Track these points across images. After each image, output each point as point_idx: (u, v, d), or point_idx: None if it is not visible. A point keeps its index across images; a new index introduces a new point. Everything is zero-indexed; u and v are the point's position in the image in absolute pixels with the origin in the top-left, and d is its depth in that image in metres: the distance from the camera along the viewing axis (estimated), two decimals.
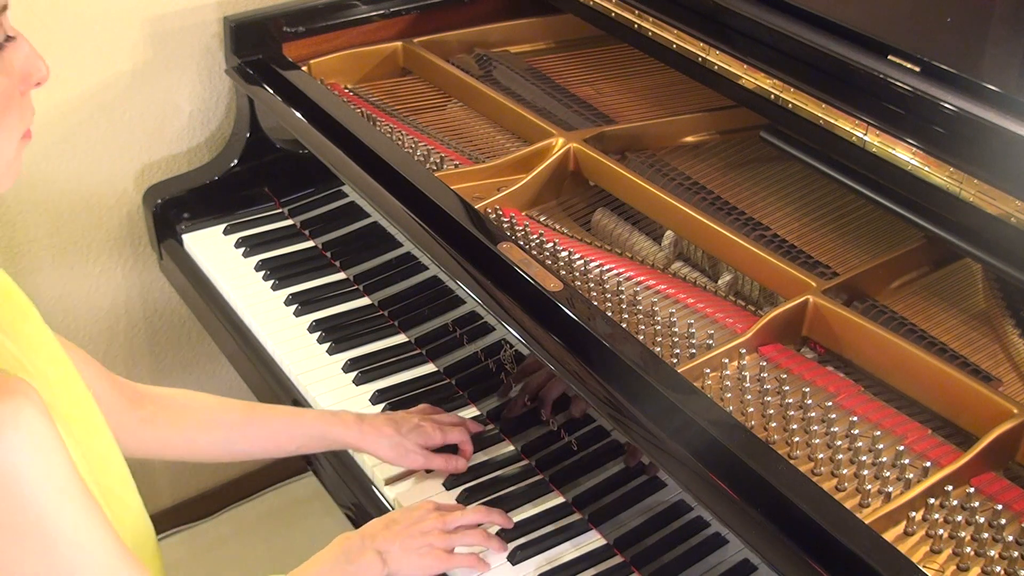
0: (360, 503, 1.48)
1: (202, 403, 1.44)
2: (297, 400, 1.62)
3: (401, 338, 1.69)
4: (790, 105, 1.50)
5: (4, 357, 1.01)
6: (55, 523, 0.98)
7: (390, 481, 1.46)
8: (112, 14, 1.90)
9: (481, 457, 1.49)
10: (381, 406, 1.56)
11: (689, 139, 1.80)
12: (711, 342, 1.41)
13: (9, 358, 1.02)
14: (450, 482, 1.45)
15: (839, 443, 1.28)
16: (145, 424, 1.37)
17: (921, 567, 1.07)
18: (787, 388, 1.34)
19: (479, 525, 1.35)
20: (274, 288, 1.79)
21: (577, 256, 1.55)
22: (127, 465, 1.23)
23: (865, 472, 1.24)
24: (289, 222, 1.95)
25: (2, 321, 1.09)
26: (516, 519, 1.39)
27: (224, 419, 1.43)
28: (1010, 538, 1.18)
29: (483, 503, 1.41)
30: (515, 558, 1.34)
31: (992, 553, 1.15)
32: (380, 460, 1.46)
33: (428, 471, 1.47)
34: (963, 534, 1.18)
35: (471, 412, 1.56)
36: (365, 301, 1.77)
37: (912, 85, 1.37)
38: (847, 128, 1.43)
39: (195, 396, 1.45)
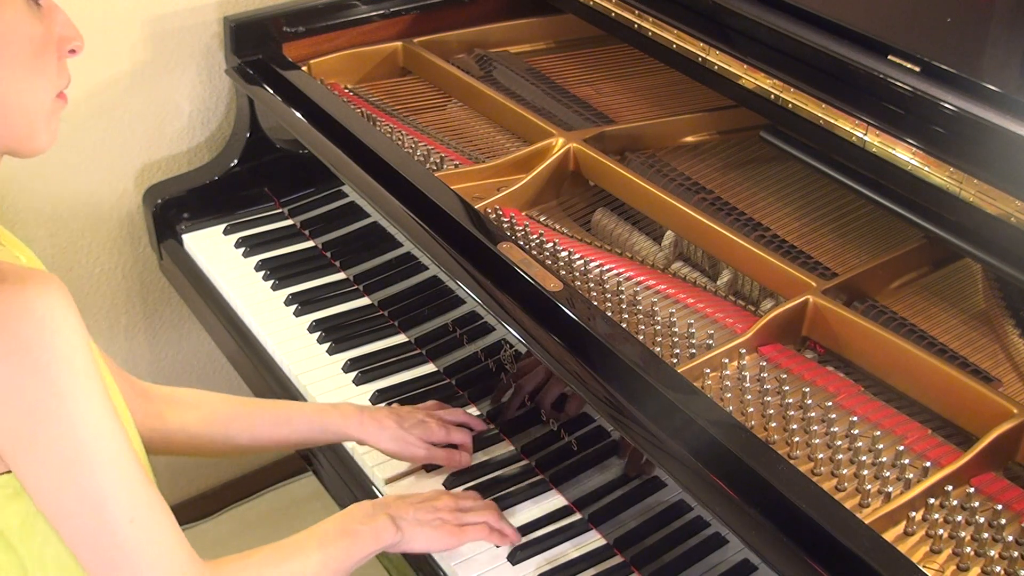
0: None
1: (204, 399, 1.44)
2: (297, 400, 1.62)
3: (401, 338, 1.69)
4: (790, 105, 1.50)
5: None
6: (76, 403, 1.01)
7: (390, 480, 1.46)
8: (112, 14, 1.90)
9: (481, 457, 1.49)
10: (381, 406, 1.56)
11: (689, 139, 1.80)
12: (711, 342, 1.41)
13: None
14: (450, 482, 1.45)
15: (839, 443, 1.28)
16: (150, 420, 1.38)
17: (921, 567, 1.07)
18: (787, 388, 1.34)
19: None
20: (274, 288, 1.79)
21: (577, 256, 1.55)
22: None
23: (865, 472, 1.24)
24: (289, 222, 1.95)
25: None
26: (516, 519, 1.39)
27: (225, 414, 1.43)
28: (1010, 538, 1.18)
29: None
30: (515, 558, 1.34)
31: (992, 553, 1.15)
32: (382, 453, 1.46)
33: (429, 471, 1.47)
34: (963, 534, 1.18)
35: (471, 412, 1.56)
36: (365, 301, 1.77)
37: (912, 85, 1.37)
38: (847, 128, 1.43)
39: (197, 393, 1.46)
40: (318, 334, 1.69)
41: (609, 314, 1.40)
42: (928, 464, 1.23)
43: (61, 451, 1.00)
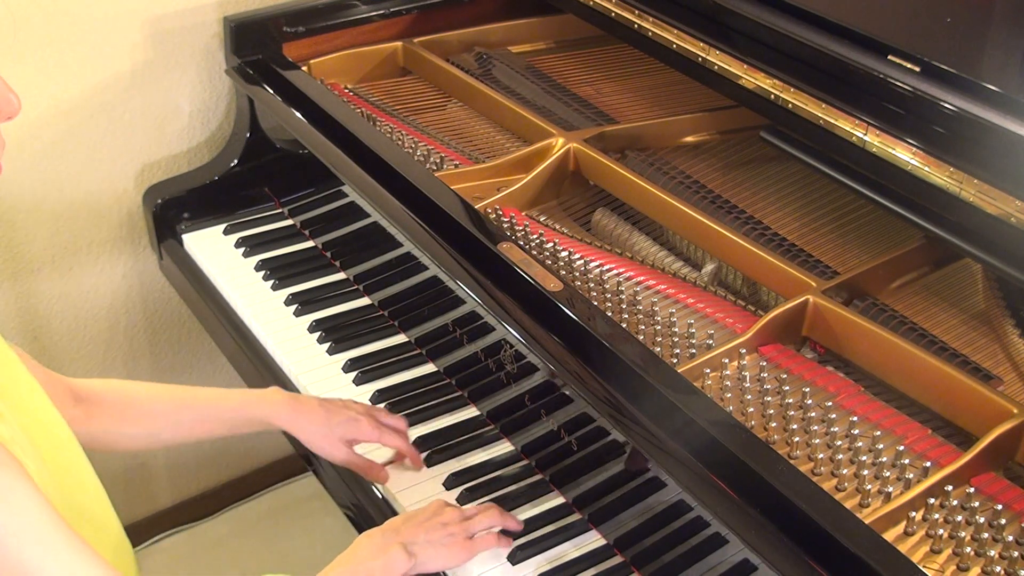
0: (360, 503, 1.48)
1: (131, 395, 1.43)
2: None
3: (401, 338, 1.69)
4: (790, 105, 1.50)
5: None
6: (40, 571, 0.98)
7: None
8: (112, 14, 1.90)
9: (481, 457, 1.49)
10: (381, 406, 1.56)
11: (689, 139, 1.80)
12: (711, 342, 1.41)
13: None
14: (450, 481, 1.45)
15: (839, 443, 1.28)
16: (81, 421, 1.36)
17: (921, 567, 1.07)
18: (787, 388, 1.34)
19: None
20: (274, 288, 1.79)
21: (577, 256, 1.55)
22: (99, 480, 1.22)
23: (865, 472, 1.24)
24: (289, 222, 1.95)
25: None
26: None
27: (149, 411, 1.42)
28: (1010, 538, 1.18)
29: (483, 502, 1.41)
30: (515, 558, 1.34)
31: (992, 553, 1.15)
32: (303, 443, 1.44)
33: (431, 465, 1.46)
34: (963, 534, 1.18)
35: (471, 412, 1.56)
36: (365, 301, 1.77)
37: (912, 85, 1.37)
38: (847, 128, 1.43)
39: (123, 387, 1.44)
40: (318, 334, 1.69)
41: (609, 314, 1.40)
42: (928, 464, 1.23)
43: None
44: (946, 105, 1.33)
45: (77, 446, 1.19)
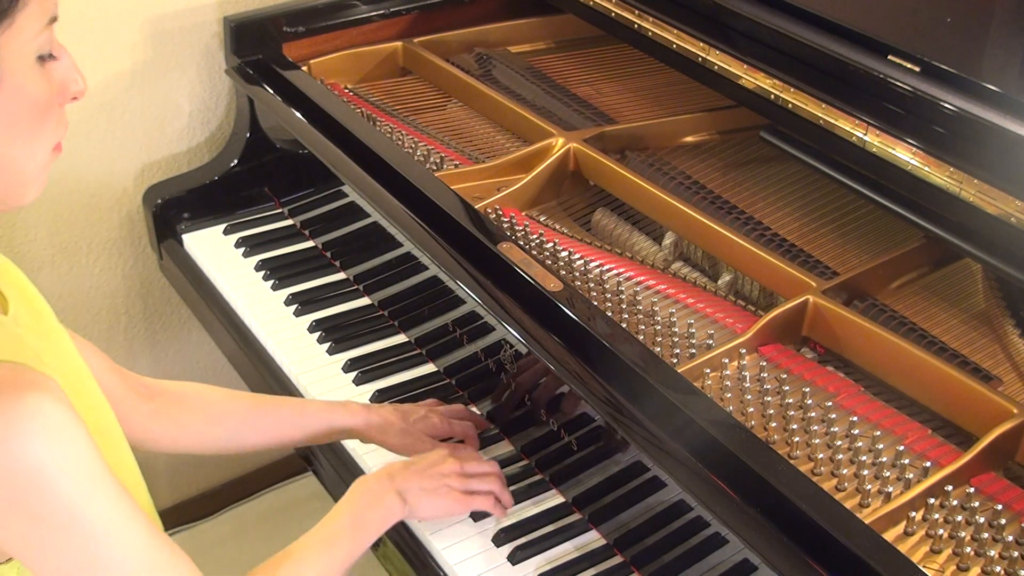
0: None
1: (209, 396, 1.44)
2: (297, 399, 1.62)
3: (401, 338, 1.69)
4: (790, 105, 1.50)
5: (24, 352, 1.02)
6: (88, 513, 0.98)
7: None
8: (112, 14, 1.90)
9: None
10: (385, 404, 1.56)
11: (689, 139, 1.80)
12: (711, 342, 1.41)
13: (29, 353, 1.02)
14: None
15: (839, 443, 1.28)
16: (154, 418, 1.38)
17: (921, 567, 1.07)
18: (787, 388, 1.34)
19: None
20: (274, 288, 1.79)
21: (577, 256, 1.55)
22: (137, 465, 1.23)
23: (865, 472, 1.24)
24: (289, 222, 1.95)
25: (20, 317, 1.09)
26: (516, 519, 1.39)
27: (231, 411, 1.43)
28: (1010, 538, 1.18)
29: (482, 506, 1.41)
30: (515, 558, 1.34)
31: (992, 553, 1.15)
32: (388, 449, 1.45)
33: None
34: (963, 534, 1.18)
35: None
36: (365, 301, 1.77)
37: (912, 85, 1.37)
38: (847, 128, 1.43)
39: (202, 388, 1.45)
40: (318, 334, 1.69)
41: (609, 314, 1.40)
42: (928, 464, 1.23)
43: (75, 556, 0.99)
44: (946, 105, 1.33)
45: (122, 436, 1.20)
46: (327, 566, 1.22)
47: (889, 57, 1.41)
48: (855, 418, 1.31)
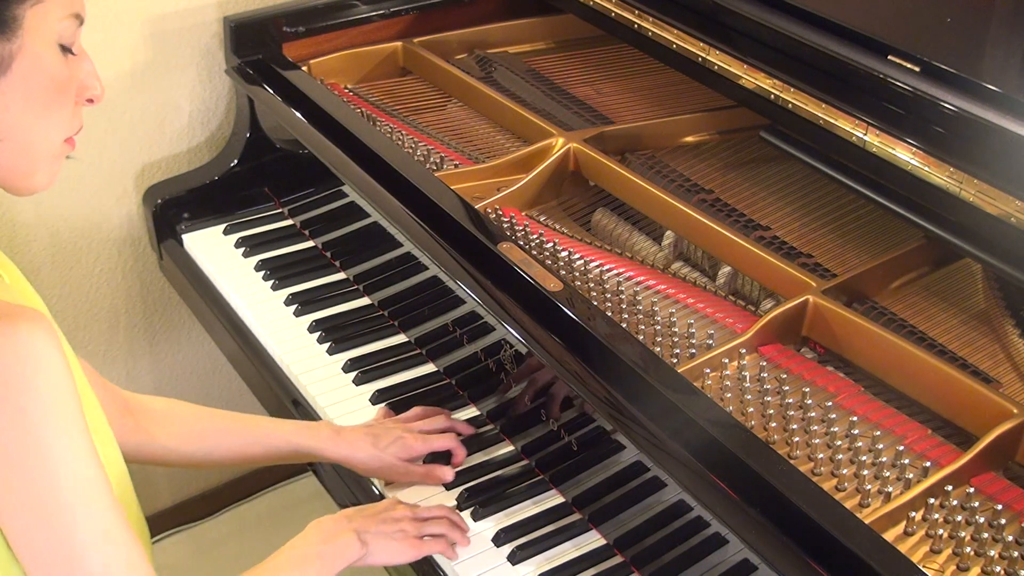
0: (360, 503, 1.48)
1: (183, 414, 1.45)
2: (297, 400, 1.62)
3: (401, 338, 1.69)
4: (790, 105, 1.51)
5: None
6: (57, 449, 0.99)
7: (390, 481, 1.46)
8: (112, 14, 1.90)
9: (481, 457, 1.49)
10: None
11: (689, 139, 1.80)
12: (711, 342, 1.41)
13: None
14: (450, 483, 1.45)
15: (839, 443, 1.28)
16: (131, 434, 1.38)
17: (921, 567, 1.07)
18: (787, 388, 1.35)
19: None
20: (274, 288, 1.79)
21: (577, 256, 1.55)
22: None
23: (865, 472, 1.24)
24: (289, 222, 1.95)
25: None
26: (516, 519, 1.39)
27: (203, 430, 1.44)
28: (1010, 538, 1.18)
29: (483, 502, 1.41)
30: (515, 558, 1.34)
31: (992, 553, 1.15)
32: (361, 474, 1.46)
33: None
34: (963, 534, 1.18)
35: (471, 412, 1.56)
36: (365, 301, 1.77)
37: (912, 85, 1.37)
38: (847, 128, 1.43)
39: (176, 406, 1.46)
40: (318, 334, 1.69)
41: (609, 314, 1.40)
42: (928, 464, 1.23)
43: (38, 495, 0.99)
44: (946, 105, 1.33)
45: (113, 438, 1.20)
46: None
47: (889, 57, 1.41)
48: (855, 418, 1.31)
